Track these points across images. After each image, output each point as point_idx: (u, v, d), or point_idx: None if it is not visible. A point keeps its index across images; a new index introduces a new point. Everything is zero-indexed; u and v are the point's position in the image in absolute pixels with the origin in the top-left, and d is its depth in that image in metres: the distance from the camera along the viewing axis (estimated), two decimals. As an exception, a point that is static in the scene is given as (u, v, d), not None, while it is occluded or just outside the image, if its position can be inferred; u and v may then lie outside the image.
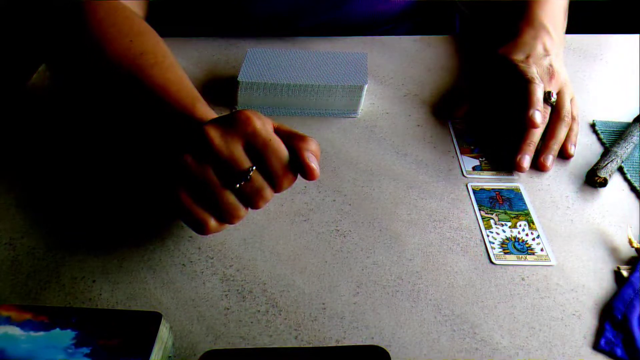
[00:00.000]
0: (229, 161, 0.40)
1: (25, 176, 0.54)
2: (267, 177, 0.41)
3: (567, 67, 0.61)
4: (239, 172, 0.40)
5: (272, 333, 0.41)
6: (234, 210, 0.41)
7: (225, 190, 0.40)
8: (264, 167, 0.41)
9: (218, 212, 0.41)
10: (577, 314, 0.43)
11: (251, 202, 0.41)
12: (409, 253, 0.47)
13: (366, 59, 0.65)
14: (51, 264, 0.46)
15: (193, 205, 0.41)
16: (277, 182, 0.41)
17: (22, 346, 0.36)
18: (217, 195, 0.40)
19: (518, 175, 0.55)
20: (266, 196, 0.41)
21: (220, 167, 0.40)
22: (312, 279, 0.45)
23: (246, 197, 0.41)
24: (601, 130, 0.60)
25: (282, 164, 0.41)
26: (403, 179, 0.54)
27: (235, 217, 0.41)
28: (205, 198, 0.41)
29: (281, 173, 0.41)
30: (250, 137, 0.40)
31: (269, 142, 0.40)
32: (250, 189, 0.41)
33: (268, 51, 0.65)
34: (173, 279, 0.45)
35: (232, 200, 0.41)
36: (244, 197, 0.41)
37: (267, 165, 0.40)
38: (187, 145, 0.41)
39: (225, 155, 0.40)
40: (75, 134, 0.59)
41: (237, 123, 0.41)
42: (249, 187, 0.40)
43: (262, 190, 0.41)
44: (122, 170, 0.55)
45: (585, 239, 0.49)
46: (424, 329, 0.41)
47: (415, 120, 0.62)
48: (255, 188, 0.41)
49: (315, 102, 0.61)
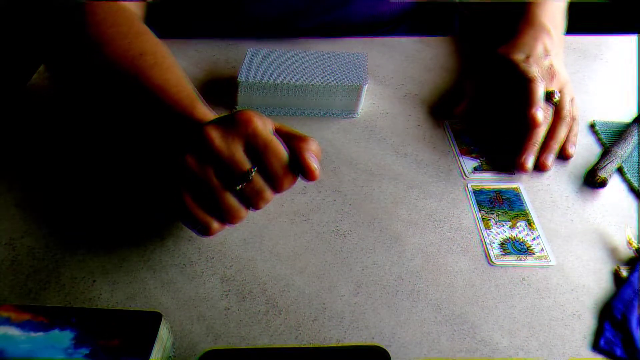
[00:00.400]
0: (230, 162, 0.40)
1: (25, 176, 0.54)
2: (268, 178, 0.41)
3: (566, 67, 0.61)
4: (240, 174, 0.40)
5: (272, 333, 0.41)
6: (235, 212, 0.41)
7: (226, 191, 0.40)
8: (265, 168, 0.40)
9: (219, 213, 0.41)
10: (577, 314, 0.43)
11: (252, 203, 0.41)
12: (409, 253, 0.47)
13: (366, 59, 0.65)
14: (51, 264, 0.46)
15: (195, 207, 0.41)
16: (278, 183, 0.41)
17: (21, 346, 0.36)
18: (218, 196, 0.40)
19: (518, 175, 0.55)
20: (267, 197, 0.41)
21: (221, 168, 0.40)
22: (312, 279, 0.45)
23: (247, 198, 0.41)
24: (601, 131, 0.60)
25: (282, 165, 0.40)
26: (403, 179, 0.54)
27: (236, 218, 0.41)
28: (206, 200, 0.41)
29: (282, 174, 0.41)
30: (251, 137, 0.40)
31: (269, 143, 0.40)
32: (251, 190, 0.41)
33: (268, 51, 0.65)
34: (173, 279, 0.45)
35: (233, 202, 0.41)
36: (244, 198, 0.41)
37: (268, 166, 0.40)
38: (187, 145, 0.41)
39: (225, 157, 0.40)
40: (75, 134, 0.59)
41: (237, 124, 0.40)
42: (250, 189, 0.40)
43: (262, 192, 0.41)
44: (122, 170, 0.55)
45: (585, 239, 0.49)
46: (424, 329, 0.41)
47: (415, 120, 0.62)
48: (256, 189, 0.41)
49: (315, 102, 0.61)
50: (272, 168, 0.40)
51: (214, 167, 0.40)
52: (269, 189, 0.41)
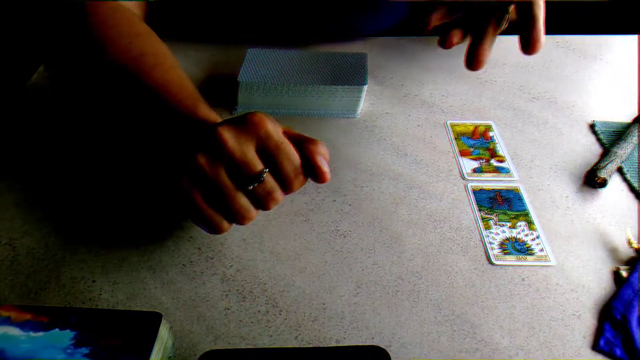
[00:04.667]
0: (242, 163, 0.40)
1: (25, 176, 0.54)
2: (280, 180, 0.41)
3: (567, 68, 0.61)
4: (252, 175, 0.40)
5: (272, 333, 0.41)
6: (245, 212, 0.41)
7: (237, 192, 0.41)
8: (277, 170, 0.41)
9: (230, 213, 0.41)
10: (577, 314, 0.43)
11: (262, 204, 0.42)
12: (409, 253, 0.47)
13: (366, 59, 0.65)
14: (51, 264, 0.46)
15: (206, 207, 0.41)
16: (289, 185, 0.41)
17: (21, 346, 0.36)
18: (230, 196, 0.40)
19: (519, 177, 0.55)
20: (277, 198, 0.42)
21: (233, 168, 0.40)
22: (312, 279, 0.45)
23: (258, 199, 0.41)
24: (601, 131, 0.60)
25: (294, 167, 0.41)
26: (403, 179, 0.54)
27: (247, 219, 0.42)
28: (217, 199, 0.41)
29: (293, 175, 0.41)
30: (263, 139, 0.40)
31: (281, 144, 0.41)
32: (263, 190, 0.41)
33: (268, 51, 0.65)
34: (173, 279, 0.45)
35: (244, 202, 0.41)
36: (255, 198, 0.41)
37: (280, 167, 0.41)
38: (199, 145, 0.41)
39: (238, 157, 0.40)
40: (75, 134, 0.59)
41: (249, 125, 0.41)
42: (262, 189, 0.41)
43: (273, 192, 0.41)
44: (122, 170, 0.55)
45: (585, 239, 0.49)
46: (424, 329, 0.41)
47: (415, 121, 0.62)
48: (267, 190, 0.41)
49: (315, 102, 0.61)
50: (284, 170, 0.41)
51: (226, 167, 0.40)
52: (279, 190, 0.42)
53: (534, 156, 0.57)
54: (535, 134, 0.60)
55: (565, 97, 0.66)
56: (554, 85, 0.68)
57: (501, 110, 0.64)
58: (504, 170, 0.55)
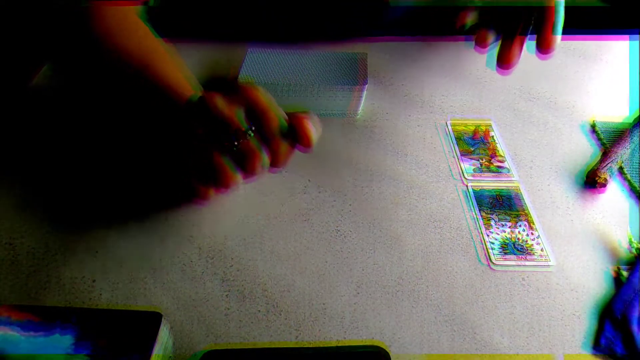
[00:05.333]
0: (229, 121, 0.41)
1: (25, 176, 0.54)
2: (265, 140, 0.42)
3: (567, 68, 0.61)
4: (237, 131, 0.41)
5: (273, 333, 0.41)
6: (229, 174, 0.42)
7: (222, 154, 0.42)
8: (262, 130, 0.42)
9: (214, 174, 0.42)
10: (577, 314, 0.43)
11: (248, 164, 0.42)
12: (409, 253, 0.47)
13: (366, 59, 0.65)
14: (51, 264, 0.46)
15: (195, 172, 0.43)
16: (274, 146, 0.42)
17: (21, 346, 0.36)
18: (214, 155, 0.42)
19: (518, 177, 0.55)
20: (262, 159, 0.42)
21: (220, 128, 0.42)
22: (312, 280, 0.45)
23: (243, 158, 0.42)
24: (601, 131, 0.60)
25: (279, 128, 0.42)
26: (403, 179, 0.54)
27: (230, 180, 0.42)
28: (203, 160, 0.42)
29: (278, 137, 0.42)
30: (252, 103, 0.42)
31: (269, 106, 0.42)
32: (247, 147, 0.42)
33: (268, 51, 0.65)
34: (173, 279, 0.45)
35: (228, 163, 0.42)
36: (241, 159, 0.42)
37: (265, 127, 0.42)
38: (190, 112, 0.43)
39: (226, 117, 0.41)
40: (76, 135, 0.59)
41: (239, 90, 0.43)
42: (247, 146, 0.42)
43: (258, 151, 0.42)
44: (122, 171, 0.55)
45: (585, 239, 0.49)
46: (424, 330, 0.41)
47: (415, 121, 0.62)
48: (252, 147, 0.42)
49: (315, 102, 0.61)
50: (269, 129, 0.42)
51: (215, 127, 0.42)
52: (265, 153, 0.42)
53: (534, 156, 0.57)
54: (535, 134, 0.60)
55: (565, 97, 0.66)
56: (554, 85, 0.68)
57: (501, 110, 0.64)
58: (505, 171, 0.55)
